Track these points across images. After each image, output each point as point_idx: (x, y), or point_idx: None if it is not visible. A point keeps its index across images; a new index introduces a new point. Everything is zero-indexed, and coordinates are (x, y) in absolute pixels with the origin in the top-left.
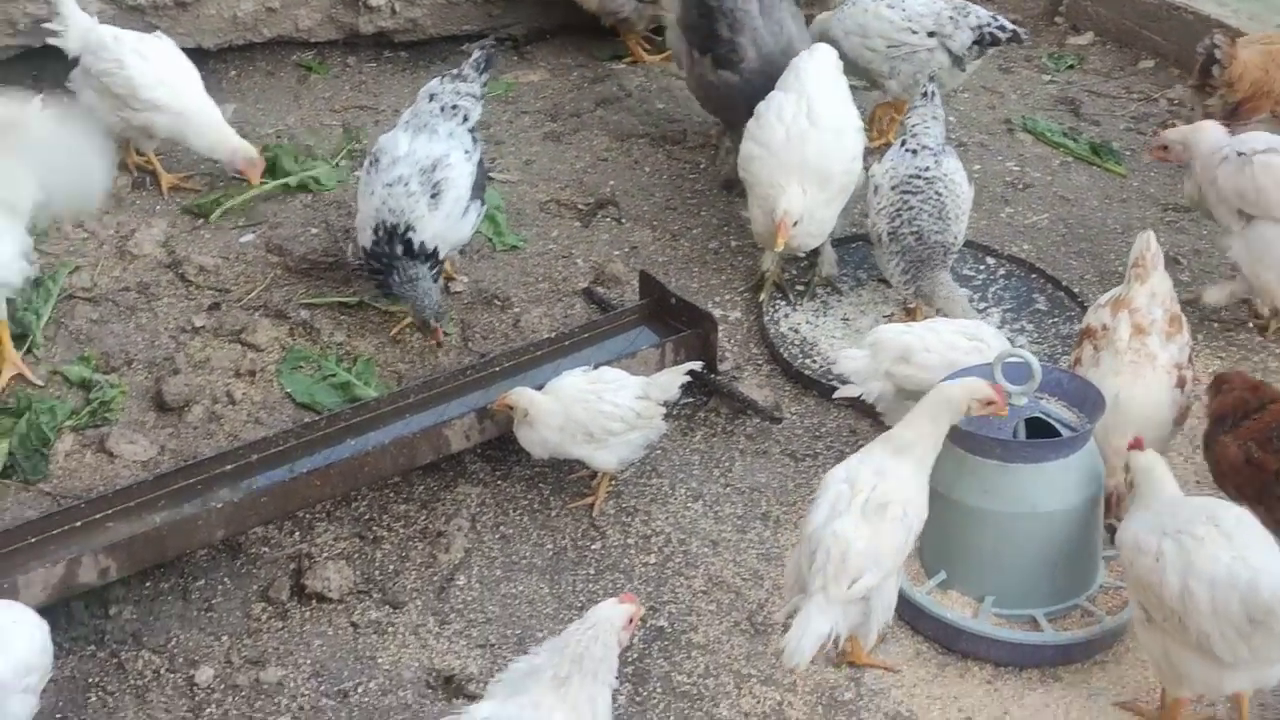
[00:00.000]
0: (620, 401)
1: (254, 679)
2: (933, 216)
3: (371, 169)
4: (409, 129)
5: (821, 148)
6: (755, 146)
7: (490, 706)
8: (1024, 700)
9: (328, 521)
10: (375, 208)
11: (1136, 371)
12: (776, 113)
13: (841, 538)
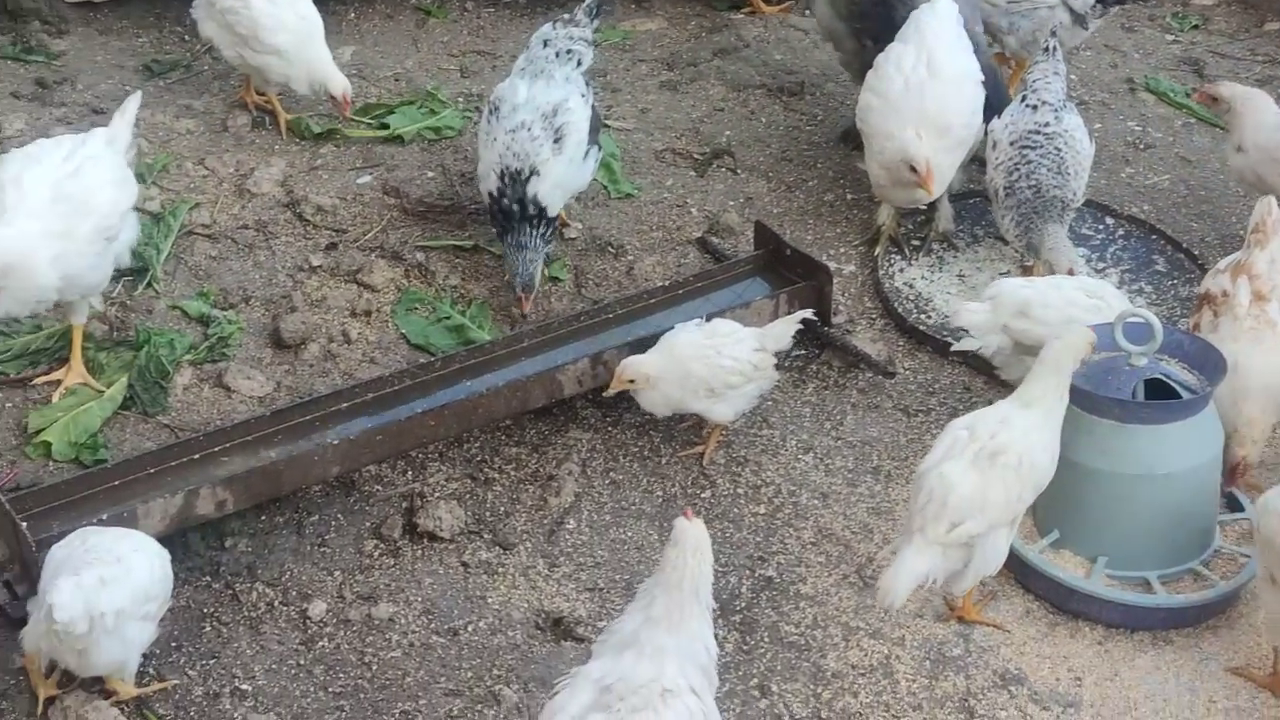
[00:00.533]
0: (739, 355)
1: (365, 614)
2: (1051, 171)
3: (492, 118)
4: (525, 76)
5: (941, 98)
6: (873, 97)
7: (600, 665)
8: (1134, 662)
9: (440, 462)
10: (499, 154)
11: (1256, 338)
12: (895, 63)
13: (946, 480)
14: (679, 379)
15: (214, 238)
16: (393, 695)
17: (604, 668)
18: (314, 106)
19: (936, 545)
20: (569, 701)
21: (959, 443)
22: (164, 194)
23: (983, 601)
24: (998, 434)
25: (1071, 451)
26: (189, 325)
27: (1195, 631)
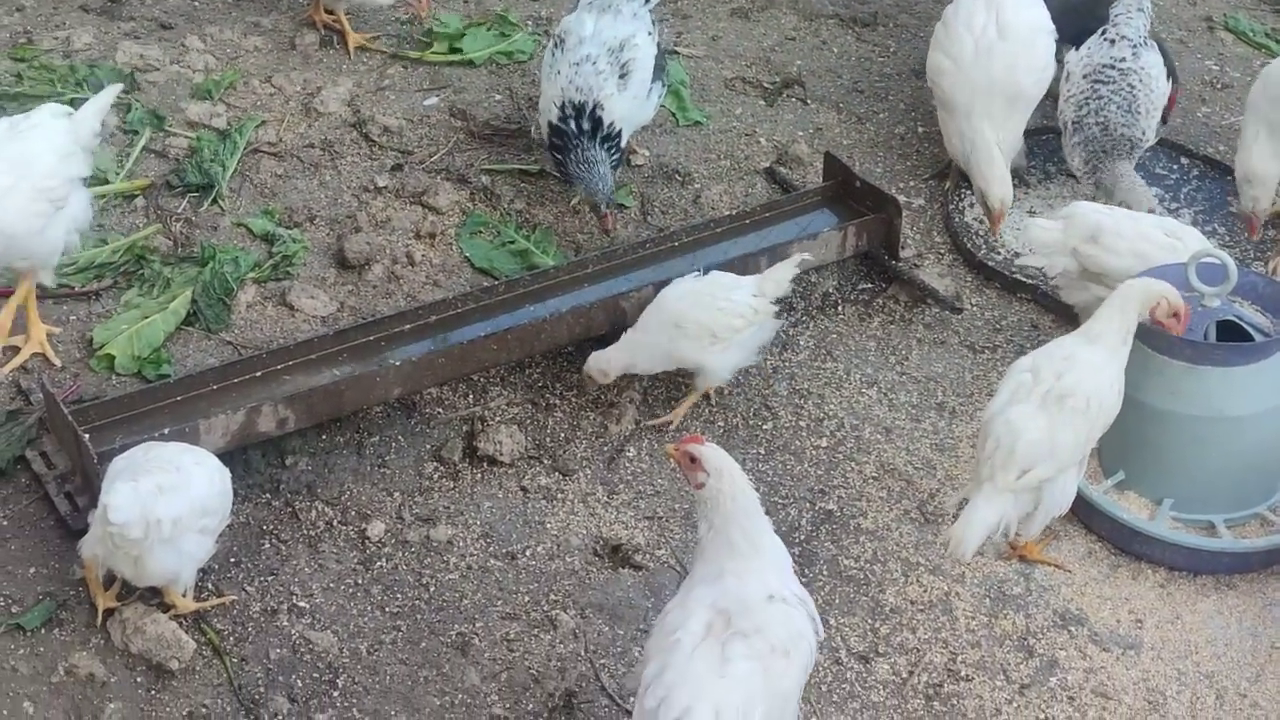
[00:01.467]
0: (737, 299)
1: (424, 536)
2: (1121, 109)
3: (557, 50)
4: (593, 9)
5: (1010, 63)
6: (944, 59)
7: (702, 591)
8: (1196, 606)
9: (501, 386)
10: (561, 87)
11: None
12: (965, 22)
13: (1014, 426)
14: (671, 331)
15: (280, 156)
16: (449, 617)
17: (709, 593)
18: (383, 27)
19: (1006, 493)
20: (687, 619)
21: (1024, 386)
22: (230, 111)
23: (1044, 541)
24: (1064, 374)
25: (1140, 392)
26: (253, 243)
27: (1260, 577)
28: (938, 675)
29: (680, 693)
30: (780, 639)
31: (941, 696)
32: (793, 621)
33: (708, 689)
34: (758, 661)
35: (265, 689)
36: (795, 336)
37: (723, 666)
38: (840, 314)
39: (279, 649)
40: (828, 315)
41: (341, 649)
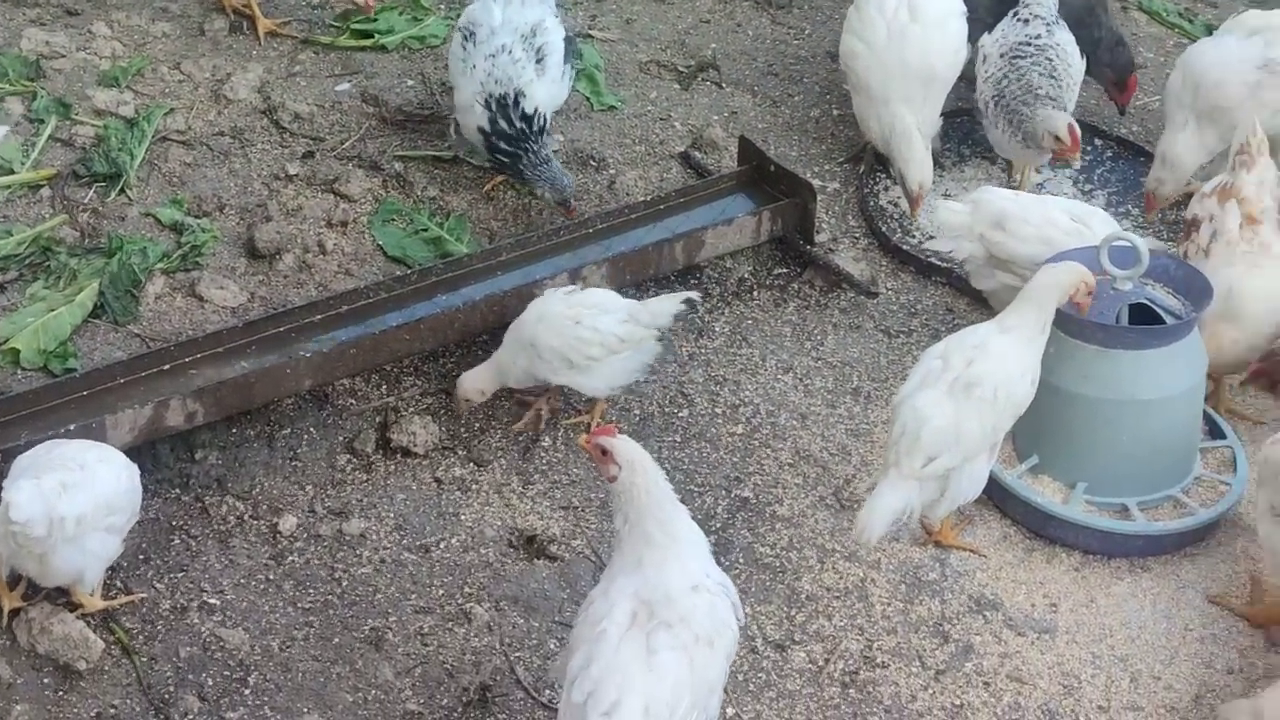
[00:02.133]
0: (600, 326)
1: (337, 530)
2: (1043, 75)
3: (467, 44)
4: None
5: (923, 46)
6: (857, 43)
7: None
8: (1111, 589)
9: (415, 376)
10: (480, 82)
11: (1252, 262)
12: (878, 5)
13: (920, 413)
14: (528, 352)
15: (189, 144)
16: (362, 611)
17: (631, 583)
18: (294, 12)
19: (912, 479)
20: (611, 609)
21: (933, 373)
22: (138, 98)
23: (959, 526)
24: (974, 363)
25: (1053, 376)
26: (162, 233)
27: (1173, 559)
28: (854, 662)
29: (608, 686)
30: (704, 628)
31: (858, 684)
32: (716, 610)
33: (636, 681)
34: (683, 652)
35: (175, 688)
36: (711, 323)
37: (649, 658)
38: (755, 299)
39: (189, 647)
40: (743, 301)
41: (253, 646)
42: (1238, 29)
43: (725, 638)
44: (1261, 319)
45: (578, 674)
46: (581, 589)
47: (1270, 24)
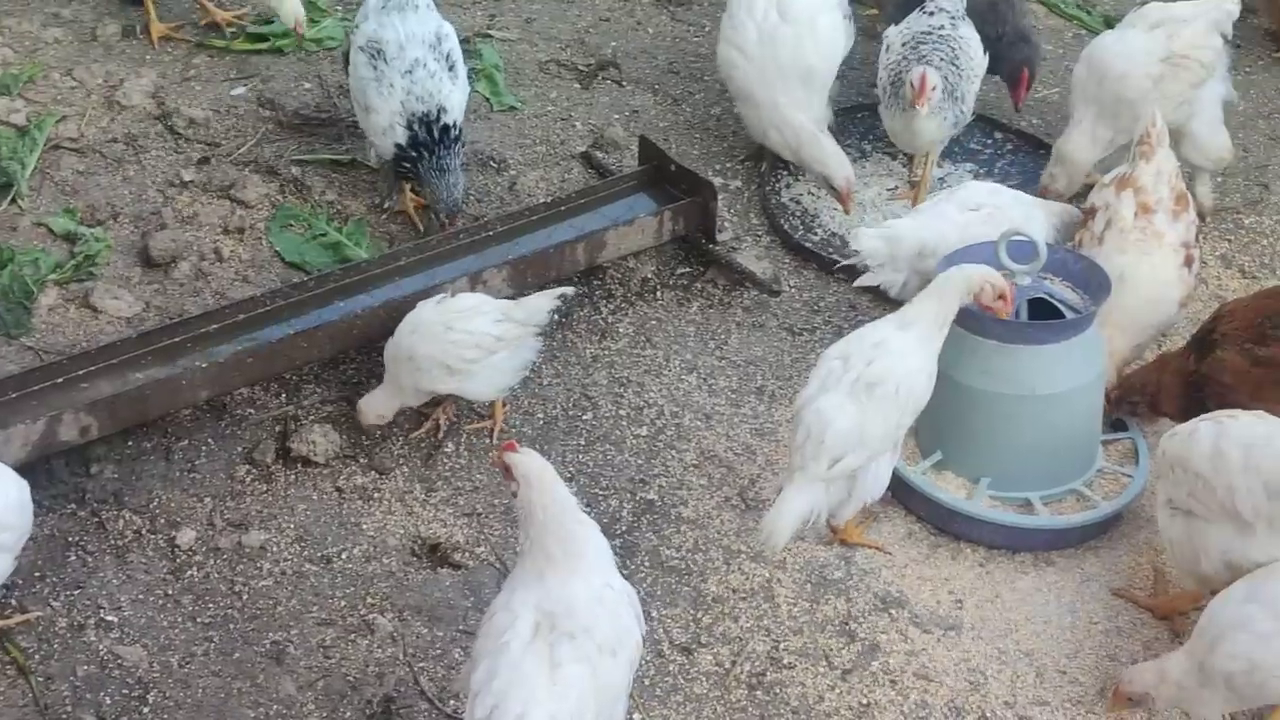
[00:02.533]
0: (475, 328)
1: (236, 542)
2: (945, 60)
3: (377, 63)
4: (390, 11)
5: (795, 45)
6: (732, 51)
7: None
8: (1015, 584)
9: (315, 384)
10: (400, 101)
11: (1143, 250)
12: (747, 9)
13: (823, 415)
14: (406, 365)
15: (81, 152)
16: (263, 625)
17: (532, 595)
18: (188, 15)
19: (818, 481)
20: (514, 621)
21: (834, 374)
22: (30, 106)
23: (865, 524)
24: (874, 361)
25: (955, 372)
26: (54, 243)
27: (1077, 552)
28: (760, 664)
29: (513, 700)
30: (607, 638)
31: (765, 685)
32: (619, 619)
33: (540, 696)
34: (586, 663)
35: (73, 708)
36: (614, 324)
37: (553, 671)
38: (659, 299)
39: (87, 665)
40: (646, 301)
41: (152, 663)
42: (1140, 22)
43: (628, 646)
44: (1150, 305)
45: (481, 688)
46: (486, 597)
47: (1172, 16)
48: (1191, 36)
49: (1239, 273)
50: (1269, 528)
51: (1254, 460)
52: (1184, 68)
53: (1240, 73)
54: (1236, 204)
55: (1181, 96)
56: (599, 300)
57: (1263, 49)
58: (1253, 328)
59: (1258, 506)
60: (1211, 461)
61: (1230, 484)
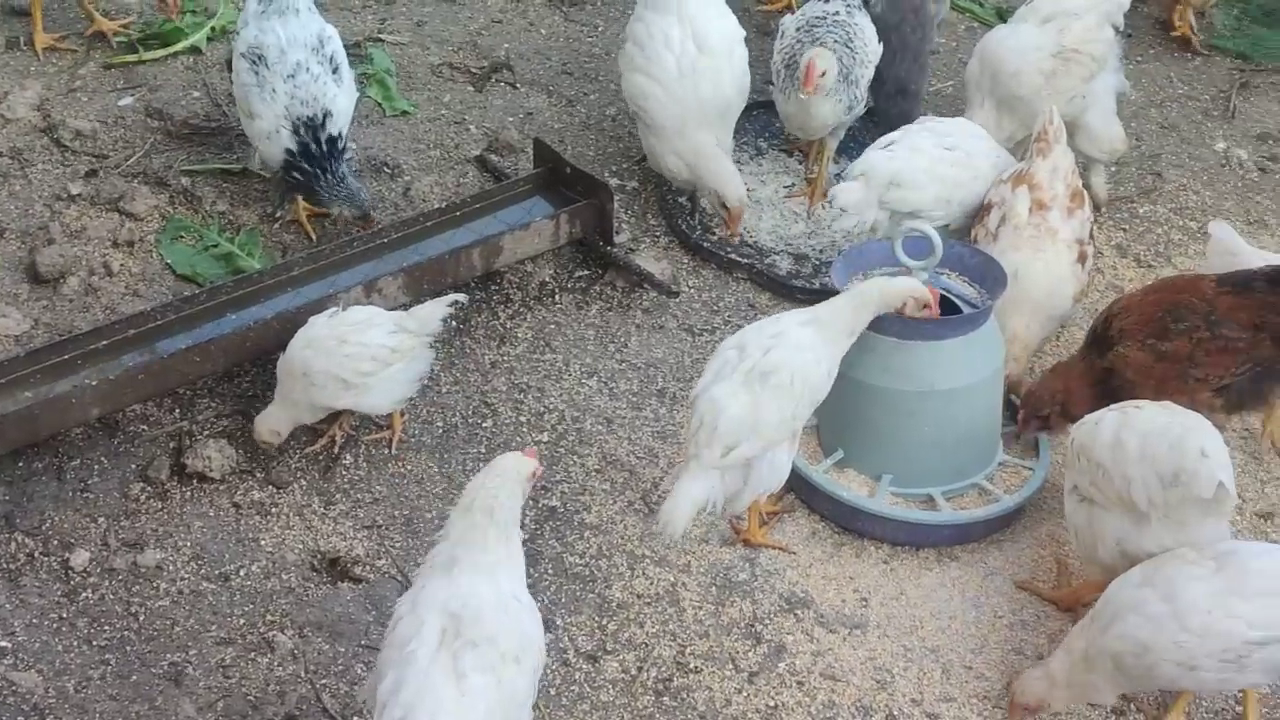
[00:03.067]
0: (368, 340)
1: (131, 562)
2: (839, 42)
3: (259, 68)
4: (270, 15)
5: (715, 78)
6: (648, 82)
7: (429, 586)
8: (920, 580)
9: (210, 398)
10: (284, 106)
11: (1036, 246)
12: (663, 41)
13: (716, 403)
14: (301, 382)
15: None
16: (161, 646)
17: (441, 591)
18: (73, 26)
19: (712, 470)
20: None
21: (729, 363)
22: None
23: (769, 524)
24: (770, 351)
25: (854, 369)
26: None
27: (980, 547)
28: (667, 669)
29: (420, 712)
30: (511, 646)
31: (671, 691)
32: (523, 625)
33: (447, 706)
34: (491, 674)
35: None
36: (513, 329)
37: (459, 682)
38: (558, 303)
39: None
40: (545, 305)
41: (47, 688)
42: (1032, 16)
43: (530, 653)
44: (1043, 302)
45: (388, 699)
46: (387, 610)
47: (1063, 10)
48: (1083, 30)
49: (1135, 262)
50: (1163, 518)
51: (1149, 450)
52: (1076, 62)
53: (1132, 62)
54: (1131, 193)
55: (1074, 90)
56: (497, 305)
57: (1153, 38)
58: (1153, 322)
59: (1152, 497)
60: (1111, 451)
61: (1126, 474)
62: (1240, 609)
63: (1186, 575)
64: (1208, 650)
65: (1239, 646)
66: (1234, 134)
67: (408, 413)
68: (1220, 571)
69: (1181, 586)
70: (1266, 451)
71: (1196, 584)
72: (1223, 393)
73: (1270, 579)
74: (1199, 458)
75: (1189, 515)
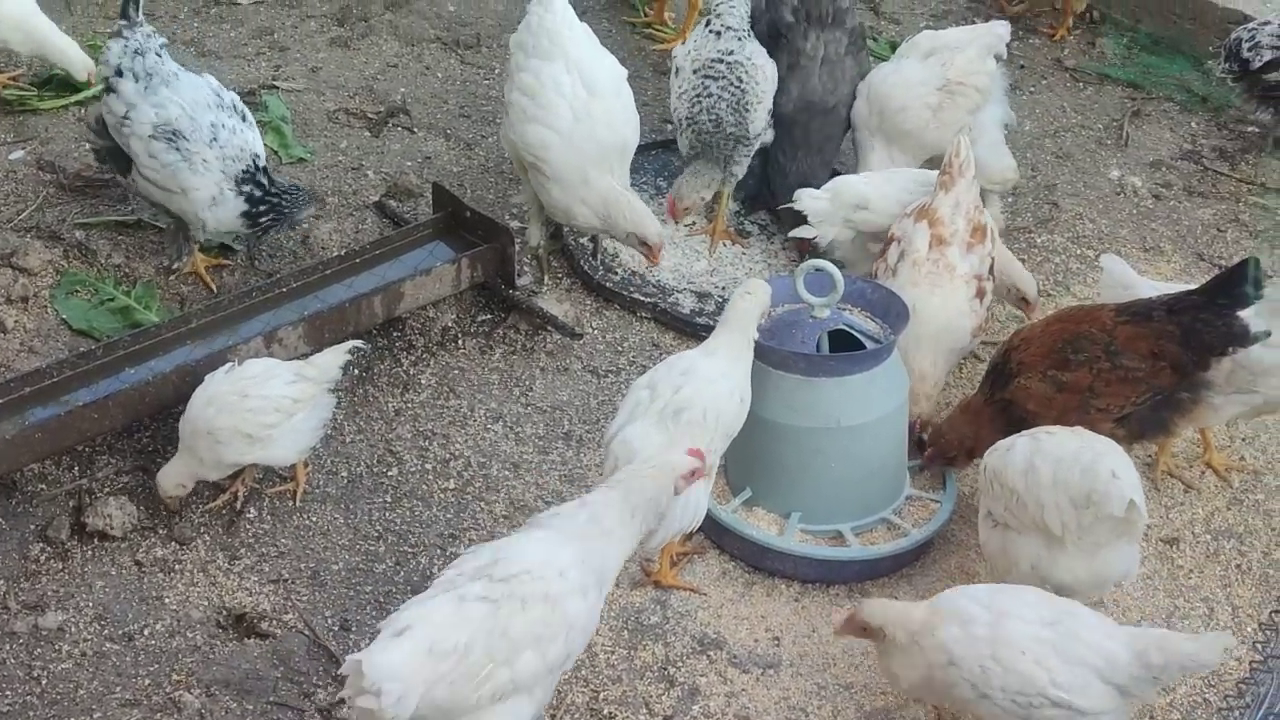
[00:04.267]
0: (269, 393)
1: (32, 625)
2: (731, 107)
3: (177, 144)
4: (157, 89)
5: (609, 119)
6: (545, 131)
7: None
8: (831, 618)
9: (109, 454)
10: (221, 171)
11: (934, 282)
12: (554, 89)
13: (630, 445)
14: (206, 440)
15: None
16: (64, 710)
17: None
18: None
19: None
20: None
21: (641, 404)
22: None
23: (679, 565)
24: (681, 388)
25: (759, 408)
26: None
27: (890, 581)
28: (580, 716)
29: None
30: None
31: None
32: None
33: None
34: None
35: None
36: (416, 375)
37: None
38: (461, 348)
39: None
40: (448, 351)
41: None
42: (913, 52)
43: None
44: (941, 337)
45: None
46: (295, 665)
47: (944, 44)
48: (965, 63)
49: None
50: (1076, 541)
51: (1062, 475)
52: (961, 94)
53: (1025, 93)
54: (1028, 223)
55: (961, 122)
56: (399, 352)
57: (1046, 69)
58: (1053, 353)
59: (1065, 520)
60: (1025, 477)
61: (1040, 499)
62: (1052, 663)
63: (1019, 615)
64: (1004, 685)
65: (1034, 695)
66: (1128, 162)
67: (311, 463)
68: (1052, 626)
69: (1012, 622)
70: (1160, 479)
71: (1025, 625)
72: (1124, 422)
73: (1091, 651)
74: (1110, 479)
75: (1102, 536)
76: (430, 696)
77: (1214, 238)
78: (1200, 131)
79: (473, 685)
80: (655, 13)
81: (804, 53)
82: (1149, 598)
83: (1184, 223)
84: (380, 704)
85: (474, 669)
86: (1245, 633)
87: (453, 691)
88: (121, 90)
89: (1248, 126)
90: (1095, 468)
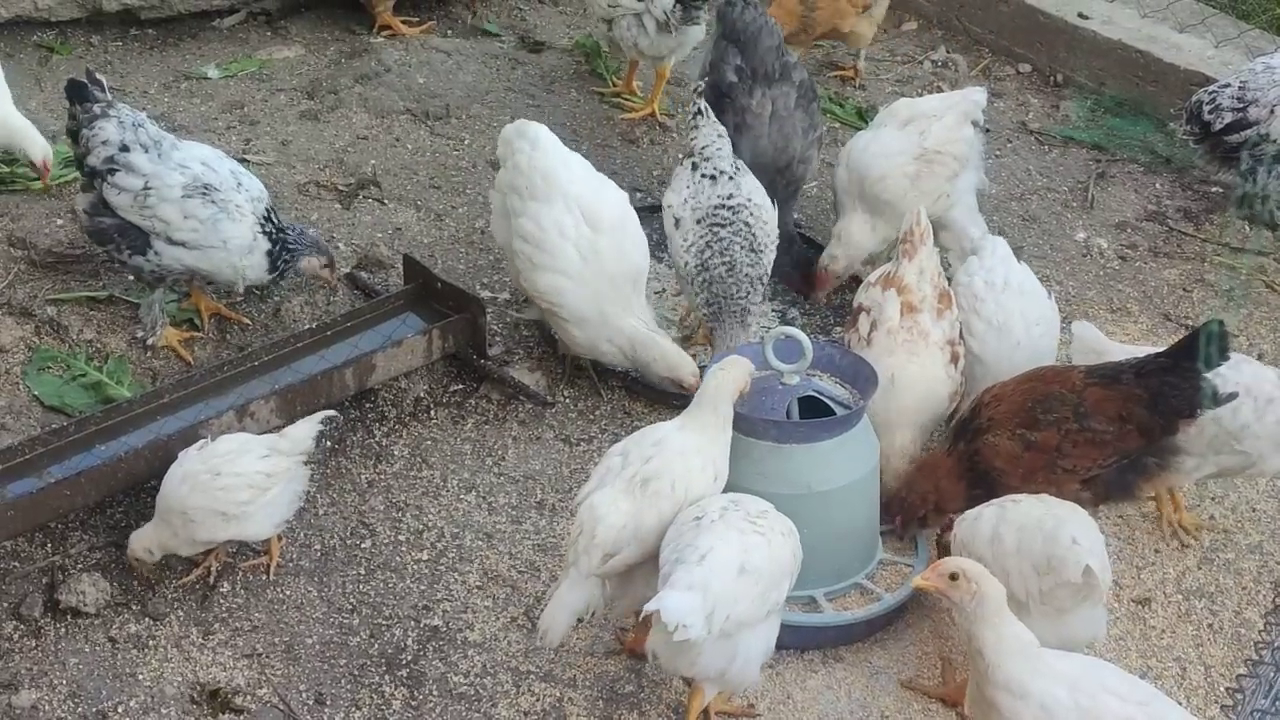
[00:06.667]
0: (241, 469)
1: (5, 705)
2: (745, 249)
3: (212, 196)
4: (168, 154)
5: (618, 252)
6: (558, 278)
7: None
8: (805, 684)
9: (82, 530)
10: (252, 213)
11: (911, 350)
12: (558, 232)
13: (596, 511)
14: (181, 519)
15: None
16: None
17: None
18: None
19: (592, 577)
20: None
21: (612, 471)
22: None
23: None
24: (652, 458)
25: (732, 475)
26: None
27: (864, 646)
28: None
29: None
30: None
31: None
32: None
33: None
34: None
35: None
36: (389, 446)
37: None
38: (433, 418)
39: None
40: (420, 421)
41: None
42: (890, 120)
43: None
44: (922, 406)
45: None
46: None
47: (920, 112)
48: (943, 131)
49: None
50: (1040, 606)
51: (1025, 542)
52: (939, 162)
53: (991, 156)
54: None
55: (940, 190)
56: (372, 423)
57: (1011, 132)
58: (1023, 412)
59: (1029, 587)
60: (990, 546)
61: (1005, 567)
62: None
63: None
64: None
65: None
66: (1094, 224)
67: (285, 536)
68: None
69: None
70: (1170, 537)
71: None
72: (1090, 484)
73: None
74: (1070, 545)
75: (1064, 601)
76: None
77: (1180, 298)
78: (1165, 192)
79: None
80: (624, 83)
81: (750, 110)
82: (1122, 658)
83: (1150, 283)
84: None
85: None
86: (1217, 692)
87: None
88: (135, 164)
89: (1212, 187)
90: (1056, 534)
